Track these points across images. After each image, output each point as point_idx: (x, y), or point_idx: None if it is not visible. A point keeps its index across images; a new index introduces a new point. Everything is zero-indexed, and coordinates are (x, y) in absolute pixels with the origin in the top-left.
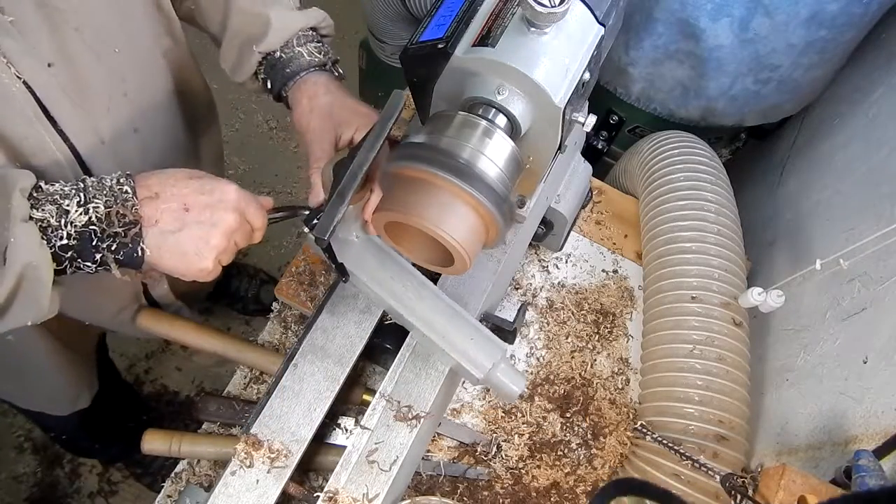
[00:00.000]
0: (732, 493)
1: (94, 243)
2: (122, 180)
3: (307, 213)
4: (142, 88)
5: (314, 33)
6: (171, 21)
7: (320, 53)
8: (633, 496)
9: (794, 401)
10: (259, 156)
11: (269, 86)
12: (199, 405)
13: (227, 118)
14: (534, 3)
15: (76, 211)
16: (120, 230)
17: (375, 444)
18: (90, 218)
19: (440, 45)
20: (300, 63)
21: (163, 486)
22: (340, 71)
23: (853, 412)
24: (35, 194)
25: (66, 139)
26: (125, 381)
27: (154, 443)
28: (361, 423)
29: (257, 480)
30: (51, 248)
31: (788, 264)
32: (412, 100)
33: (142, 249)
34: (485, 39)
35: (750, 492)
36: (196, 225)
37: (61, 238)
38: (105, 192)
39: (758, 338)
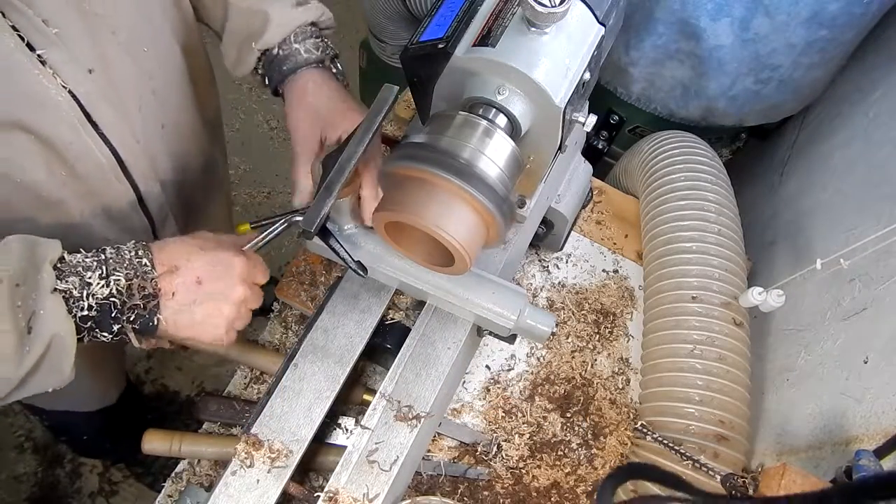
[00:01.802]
0: (733, 493)
1: (113, 315)
2: (140, 252)
3: (299, 219)
4: (166, 85)
5: (314, 28)
6: (186, 14)
7: (317, 50)
8: (636, 481)
9: (794, 401)
10: (259, 156)
11: (267, 82)
12: (200, 405)
13: (227, 118)
14: (534, 3)
15: (98, 283)
16: (139, 302)
17: (376, 444)
18: (111, 290)
19: (440, 45)
20: (297, 60)
21: (163, 486)
22: (339, 66)
23: (854, 412)
24: (59, 265)
25: (107, 142)
26: (130, 380)
27: (154, 443)
28: (362, 423)
29: (258, 480)
30: (72, 319)
31: (789, 264)
32: (412, 100)
33: (157, 320)
34: (485, 39)
35: (750, 492)
36: (208, 298)
37: (82, 309)
38: (125, 264)
39: (758, 338)
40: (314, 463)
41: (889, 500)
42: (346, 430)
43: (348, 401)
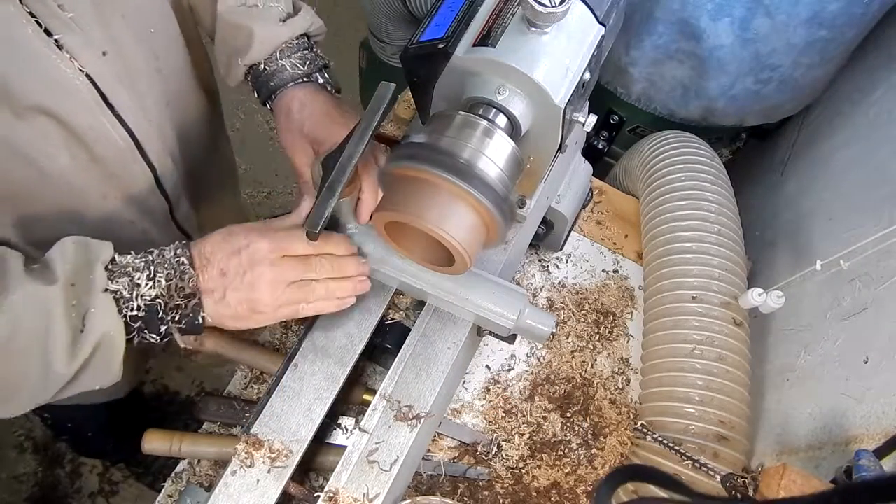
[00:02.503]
0: (733, 493)
1: (159, 315)
2: (178, 252)
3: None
4: (169, 64)
5: (303, 41)
6: (182, 1)
7: (304, 64)
8: (636, 482)
9: (794, 401)
10: (259, 156)
11: (256, 95)
12: (200, 405)
13: (227, 118)
14: (534, 3)
15: (146, 284)
16: (181, 302)
17: (376, 444)
18: (157, 291)
19: (440, 45)
20: (282, 77)
21: (163, 486)
22: (327, 76)
23: (854, 412)
24: (110, 266)
25: (123, 123)
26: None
27: (154, 443)
28: (361, 424)
29: (258, 480)
30: (122, 319)
31: (789, 264)
32: (412, 100)
33: (202, 318)
34: (485, 39)
35: (750, 492)
36: (236, 287)
37: (132, 310)
38: (166, 265)
39: (758, 338)
40: (314, 463)
41: (890, 502)
42: (346, 430)
43: (348, 401)
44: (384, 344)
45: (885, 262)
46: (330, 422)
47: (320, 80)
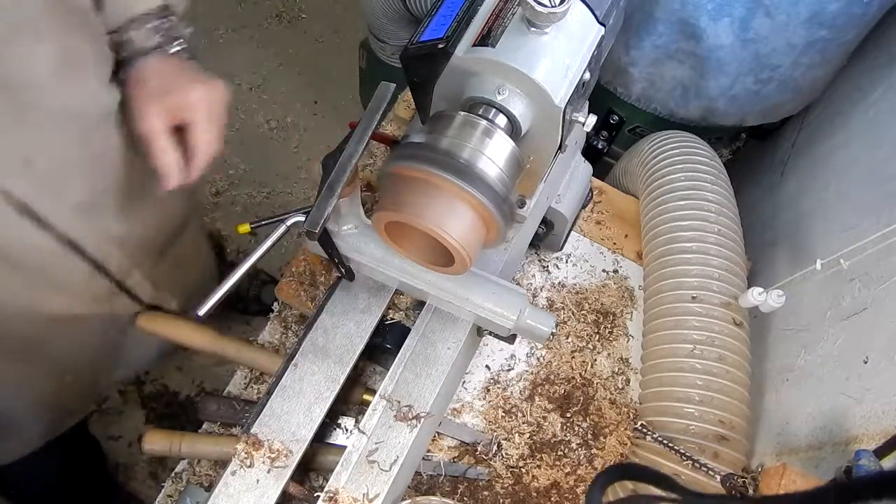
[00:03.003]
0: (733, 493)
1: None
2: None
3: (299, 219)
4: (105, 151)
5: (157, 11)
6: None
7: (156, 35)
8: (629, 481)
9: (794, 401)
10: (259, 156)
11: None
12: (200, 405)
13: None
14: (534, 3)
15: None
16: None
17: (376, 444)
18: None
19: (440, 45)
20: (131, 49)
21: (163, 486)
22: (183, 44)
23: (854, 412)
24: None
25: (50, 229)
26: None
27: (154, 443)
28: (360, 425)
29: (258, 480)
30: None
31: (789, 264)
32: (412, 100)
33: None
34: (485, 39)
35: (750, 492)
36: None
37: None
38: None
39: (758, 338)
40: (314, 463)
41: (887, 499)
42: (346, 430)
43: (348, 401)
44: (384, 344)
45: (885, 261)
46: (330, 422)
47: (171, 51)
